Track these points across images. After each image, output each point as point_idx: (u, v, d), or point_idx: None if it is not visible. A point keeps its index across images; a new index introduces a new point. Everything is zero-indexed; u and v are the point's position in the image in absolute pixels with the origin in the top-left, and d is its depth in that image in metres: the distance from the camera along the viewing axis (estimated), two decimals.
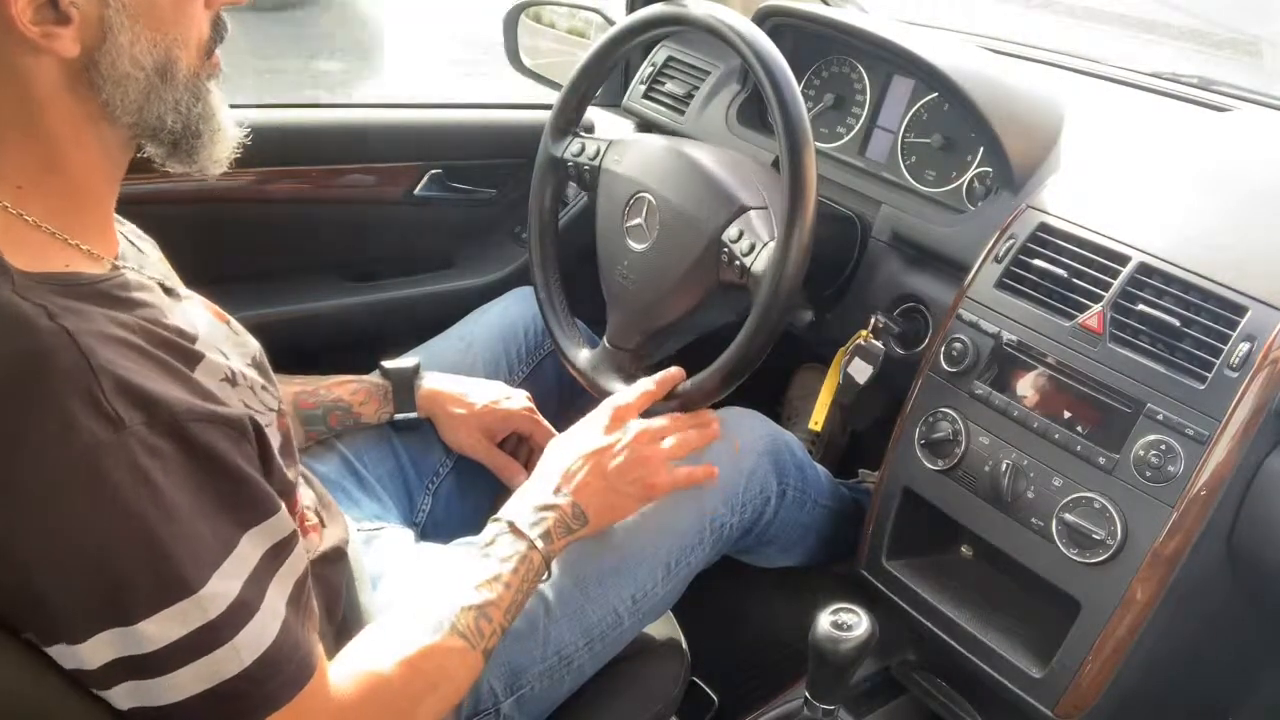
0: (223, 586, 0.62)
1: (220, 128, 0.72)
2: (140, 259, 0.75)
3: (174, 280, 0.78)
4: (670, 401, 1.09)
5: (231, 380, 0.70)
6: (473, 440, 1.17)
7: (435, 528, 1.17)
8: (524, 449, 1.23)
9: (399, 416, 1.15)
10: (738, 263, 1.07)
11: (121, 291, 0.67)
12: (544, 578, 0.91)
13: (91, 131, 0.66)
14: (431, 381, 1.17)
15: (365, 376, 1.16)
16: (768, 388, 1.63)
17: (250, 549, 0.65)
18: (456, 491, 1.20)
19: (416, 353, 1.24)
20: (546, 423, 1.21)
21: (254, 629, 0.64)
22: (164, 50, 0.66)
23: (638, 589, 1.01)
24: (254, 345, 0.81)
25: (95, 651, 0.60)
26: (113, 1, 0.62)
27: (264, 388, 0.75)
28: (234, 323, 0.80)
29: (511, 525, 0.90)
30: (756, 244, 1.06)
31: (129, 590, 0.60)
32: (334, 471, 1.11)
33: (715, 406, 1.17)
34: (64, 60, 0.62)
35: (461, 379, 1.20)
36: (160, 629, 0.60)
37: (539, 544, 0.89)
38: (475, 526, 1.02)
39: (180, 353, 0.66)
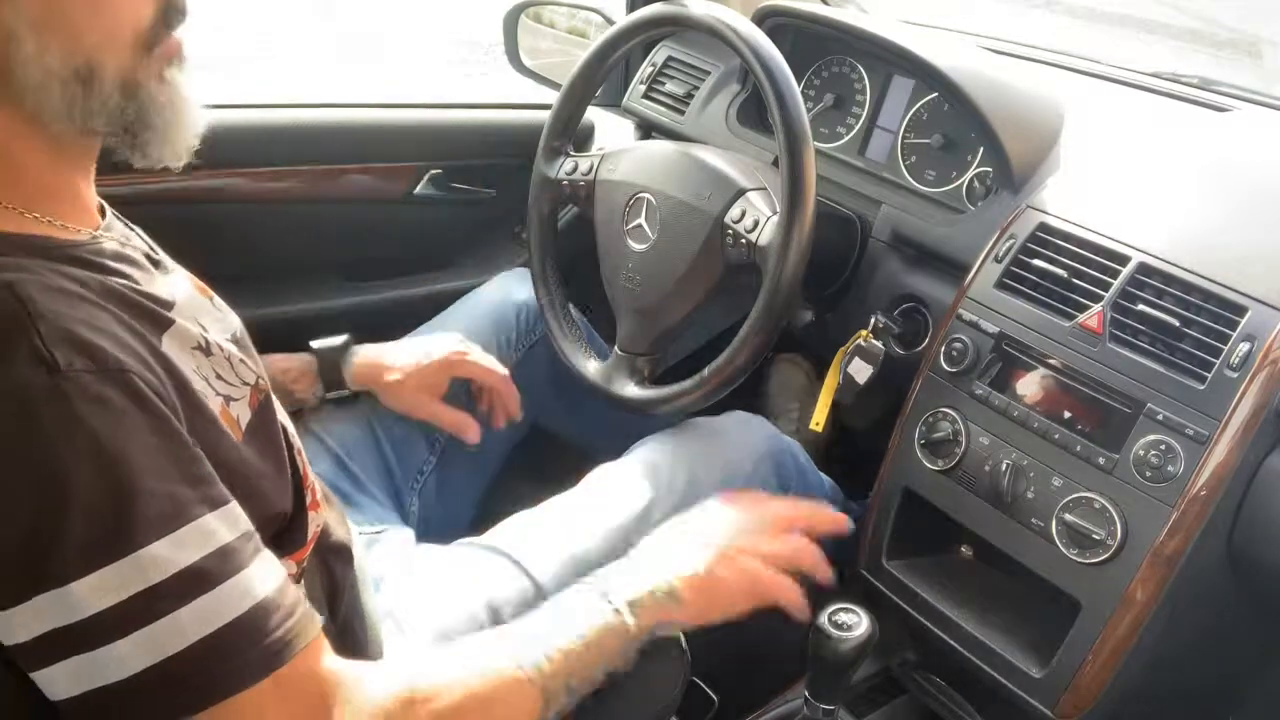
0: (170, 553, 0.58)
1: (176, 119, 0.68)
2: (128, 234, 0.74)
3: (161, 255, 0.76)
4: (693, 395, 1.08)
5: (204, 349, 0.69)
6: (415, 401, 1.15)
7: (427, 527, 1.16)
8: (482, 396, 1.22)
9: (330, 395, 1.14)
10: (743, 240, 1.08)
11: (94, 256, 0.65)
12: (633, 649, 0.81)
13: (30, 135, 0.64)
14: (364, 353, 1.16)
15: (297, 354, 1.14)
16: (744, 385, 1.62)
17: (223, 526, 0.62)
18: (444, 489, 1.20)
19: (405, 341, 1.23)
20: (485, 359, 1.19)
21: (208, 603, 0.60)
22: (83, 57, 0.62)
23: None
24: (235, 322, 0.79)
25: (27, 621, 0.57)
26: (8, 9, 0.59)
27: (241, 361, 0.73)
28: (217, 299, 0.79)
29: (597, 589, 0.83)
30: (760, 219, 1.07)
31: (59, 544, 0.56)
32: (329, 473, 1.10)
33: (714, 412, 1.17)
34: None
35: (396, 343, 1.19)
36: (93, 592, 0.57)
37: (624, 610, 0.80)
38: (465, 525, 1.02)
39: (148, 316, 0.65)
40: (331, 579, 0.86)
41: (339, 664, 0.68)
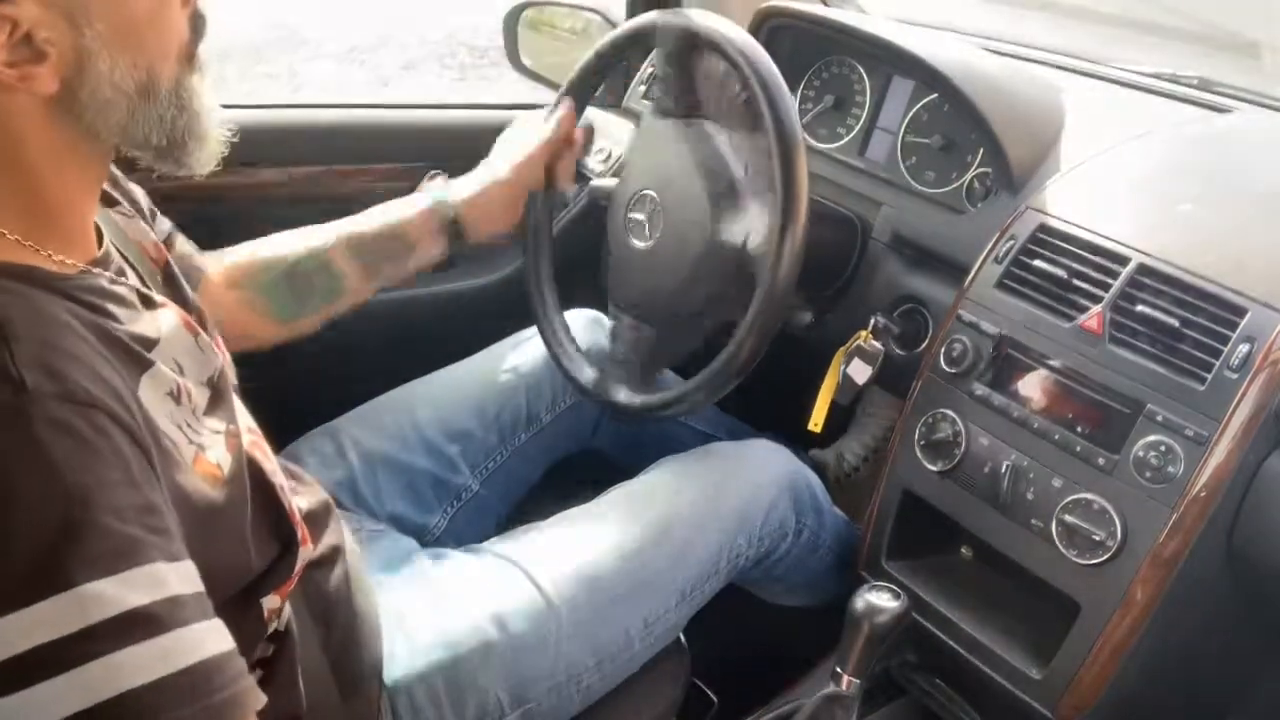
0: (116, 592, 0.54)
1: (207, 129, 0.70)
2: (125, 268, 0.73)
3: (153, 292, 0.74)
4: (688, 400, 1.09)
5: (175, 397, 0.67)
6: (508, 219, 1.15)
7: (448, 539, 1.16)
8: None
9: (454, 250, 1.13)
10: (739, 245, 1.07)
11: (81, 292, 0.64)
12: None
13: (70, 156, 0.64)
14: (460, 196, 1.13)
15: (416, 199, 1.13)
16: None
17: (175, 577, 0.57)
18: (479, 508, 1.19)
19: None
20: (541, 133, 1.16)
21: (151, 650, 0.55)
22: (144, 70, 0.64)
23: (650, 613, 1.01)
24: (218, 363, 0.75)
25: None
26: (88, 30, 0.59)
27: (214, 405, 0.71)
28: (203, 337, 0.75)
29: None
30: (755, 224, 1.07)
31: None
32: (343, 473, 1.11)
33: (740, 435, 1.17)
34: (42, 96, 0.60)
35: (467, 178, 1.16)
36: (26, 627, 0.52)
37: None
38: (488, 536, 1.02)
39: (129, 356, 0.64)
40: (321, 593, 0.85)
41: None
